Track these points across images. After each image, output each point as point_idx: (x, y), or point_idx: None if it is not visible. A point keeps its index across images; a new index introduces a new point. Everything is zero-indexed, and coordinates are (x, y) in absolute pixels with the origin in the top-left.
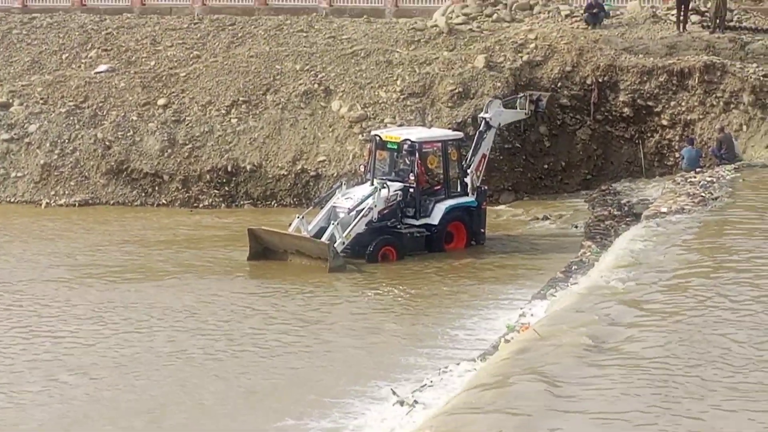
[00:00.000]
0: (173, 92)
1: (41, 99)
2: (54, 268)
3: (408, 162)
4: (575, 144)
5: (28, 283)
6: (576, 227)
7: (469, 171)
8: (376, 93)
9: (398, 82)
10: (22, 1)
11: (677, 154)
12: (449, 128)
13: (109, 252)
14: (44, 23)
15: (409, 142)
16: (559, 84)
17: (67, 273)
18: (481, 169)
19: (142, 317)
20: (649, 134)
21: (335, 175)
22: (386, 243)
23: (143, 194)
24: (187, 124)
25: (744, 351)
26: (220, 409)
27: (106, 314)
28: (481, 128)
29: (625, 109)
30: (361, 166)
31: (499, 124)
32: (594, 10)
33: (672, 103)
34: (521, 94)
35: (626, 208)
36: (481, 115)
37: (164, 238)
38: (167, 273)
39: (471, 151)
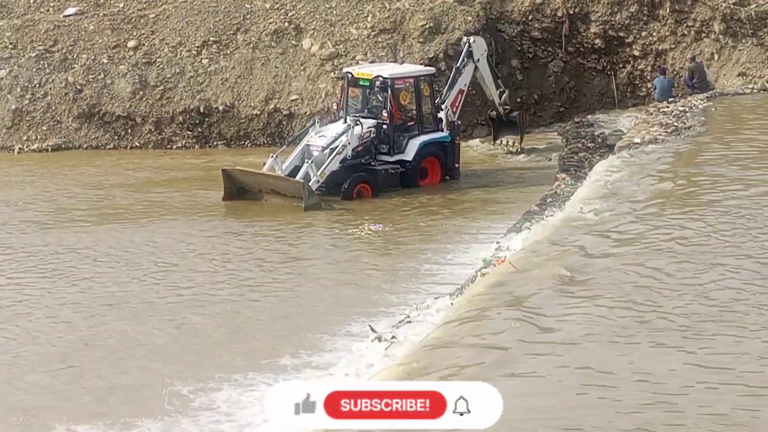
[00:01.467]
0: (143, 34)
1: (10, 44)
2: (25, 212)
3: (381, 99)
4: (547, 77)
5: None
6: (550, 160)
7: (443, 106)
8: (347, 30)
9: (369, 19)
10: None
11: (649, 85)
12: (421, 64)
13: (82, 196)
14: None
15: (381, 79)
16: (530, 17)
17: (46, 216)
18: (458, 104)
19: (109, 258)
20: (621, 65)
21: (308, 113)
22: (361, 180)
23: (116, 137)
24: (158, 66)
25: (715, 280)
26: (194, 348)
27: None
28: (458, 63)
29: (597, 41)
30: (334, 104)
31: (477, 60)
32: None
33: (643, 34)
34: (506, 91)
35: (600, 140)
36: (467, 38)
37: (136, 181)
38: (140, 215)
39: (447, 85)
